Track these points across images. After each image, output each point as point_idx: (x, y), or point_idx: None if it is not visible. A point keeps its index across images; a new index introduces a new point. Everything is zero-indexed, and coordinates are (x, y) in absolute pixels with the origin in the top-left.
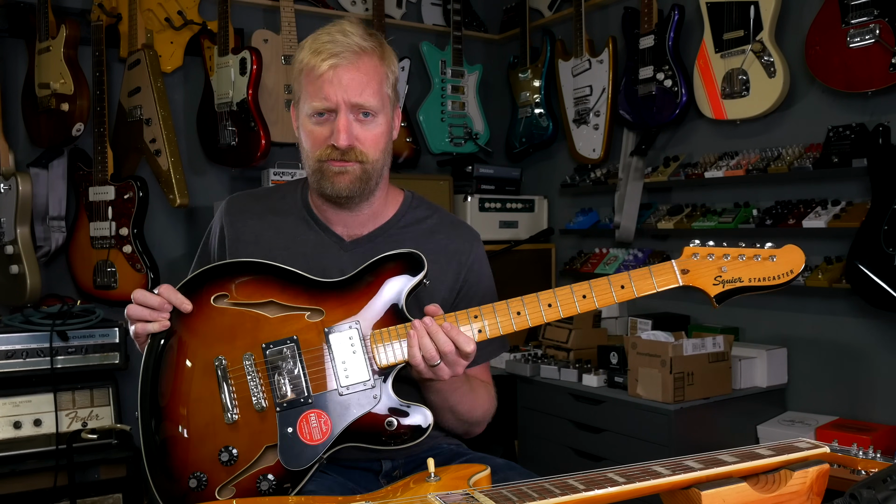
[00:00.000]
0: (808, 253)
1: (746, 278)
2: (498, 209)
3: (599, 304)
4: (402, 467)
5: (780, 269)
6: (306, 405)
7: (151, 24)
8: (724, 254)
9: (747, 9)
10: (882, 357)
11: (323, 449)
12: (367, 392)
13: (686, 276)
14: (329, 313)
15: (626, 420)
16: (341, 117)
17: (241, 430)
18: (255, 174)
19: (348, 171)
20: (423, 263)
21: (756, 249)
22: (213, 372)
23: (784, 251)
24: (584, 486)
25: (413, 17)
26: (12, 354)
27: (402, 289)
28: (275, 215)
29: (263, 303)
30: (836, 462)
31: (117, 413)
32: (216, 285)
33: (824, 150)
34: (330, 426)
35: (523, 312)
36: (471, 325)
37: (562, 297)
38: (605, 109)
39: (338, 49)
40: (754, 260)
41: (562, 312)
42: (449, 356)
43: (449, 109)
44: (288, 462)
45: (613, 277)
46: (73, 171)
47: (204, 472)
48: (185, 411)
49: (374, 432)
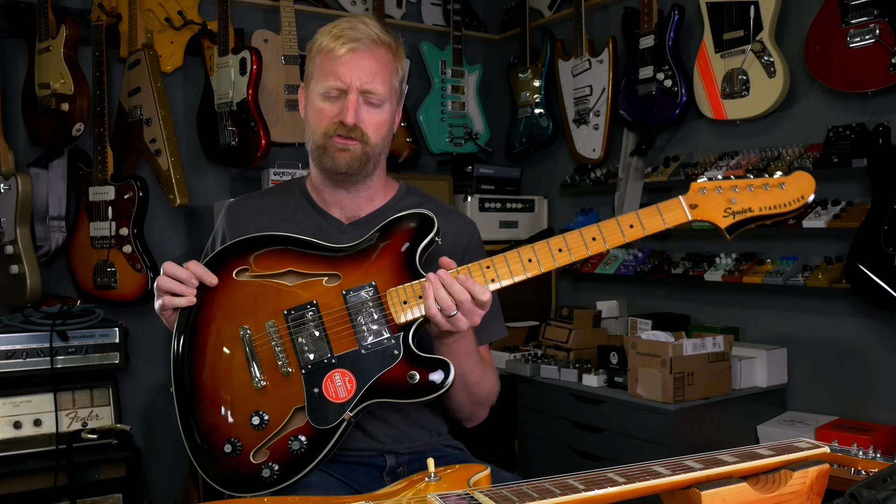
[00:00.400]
0: (808, 253)
1: (757, 207)
2: (498, 209)
3: (610, 244)
4: (406, 464)
5: (790, 196)
6: (330, 366)
7: (151, 24)
8: (733, 185)
9: (747, 9)
10: (882, 357)
11: (349, 406)
12: (388, 349)
13: (695, 210)
14: (346, 277)
15: (626, 420)
16: (351, 97)
17: (269, 395)
18: (255, 174)
19: (350, 149)
20: (433, 222)
21: (765, 178)
22: (240, 342)
23: (793, 178)
24: (584, 486)
25: (413, 17)
26: (12, 354)
27: (415, 247)
28: (274, 207)
29: (283, 272)
30: (836, 462)
31: (117, 413)
32: (237, 260)
33: (824, 150)
34: (354, 383)
35: (534, 259)
36: (483, 274)
37: (572, 241)
38: (605, 109)
39: (358, 35)
40: (763, 189)
41: (573, 256)
42: (465, 305)
43: (449, 109)
44: (317, 421)
45: (622, 218)
46: (73, 171)
47: (238, 438)
48: (215, 381)
49: (398, 386)
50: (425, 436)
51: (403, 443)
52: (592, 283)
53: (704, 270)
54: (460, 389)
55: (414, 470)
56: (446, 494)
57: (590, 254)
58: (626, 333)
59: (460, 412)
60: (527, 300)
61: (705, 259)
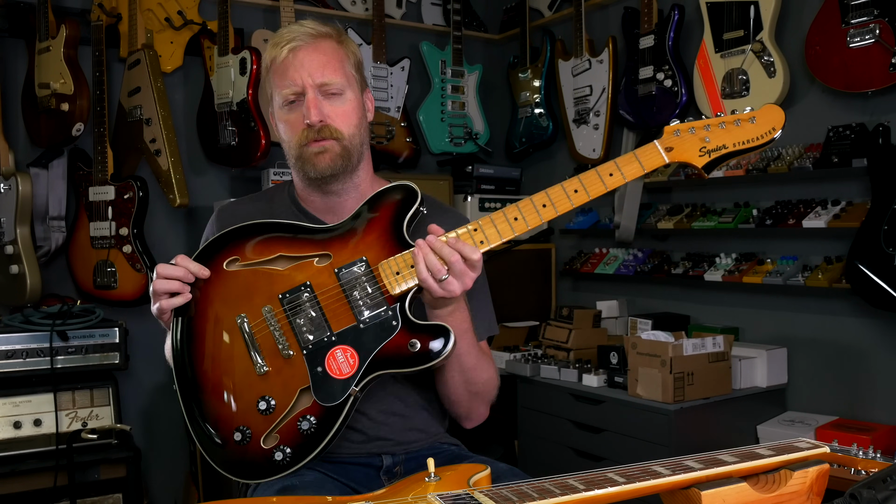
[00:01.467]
0: (808, 253)
1: (731, 143)
2: (498, 209)
3: (591, 194)
4: (402, 464)
5: (761, 129)
6: (330, 344)
7: (151, 24)
8: (705, 125)
9: (747, 9)
10: (882, 357)
11: (354, 381)
12: (386, 321)
13: (671, 153)
14: (336, 255)
15: (626, 420)
16: (309, 95)
17: (273, 380)
18: (255, 174)
19: (327, 149)
20: (416, 192)
21: (735, 115)
22: (238, 330)
23: (763, 111)
24: (584, 486)
25: (413, 17)
26: (12, 354)
27: (401, 218)
28: (264, 214)
29: (273, 258)
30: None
31: (117, 413)
32: (226, 251)
33: (824, 150)
34: (357, 358)
35: (520, 217)
36: (472, 237)
37: (554, 196)
38: (605, 109)
39: (294, 35)
40: (735, 125)
41: (557, 209)
42: (455, 265)
43: (449, 109)
44: (323, 399)
45: (601, 167)
46: (73, 171)
47: (247, 426)
48: (218, 372)
49: (400, 355)
50: (423, 437)
51: (401, 444)
52: (592, 283)
53: (704, 270)
54: (456, 371)
55: (411, 469)
56: (446, 494)
57: (573, 206)
58: (626, 333)
59: (458, 405)
60: (527, 300)
61: (705, 259)
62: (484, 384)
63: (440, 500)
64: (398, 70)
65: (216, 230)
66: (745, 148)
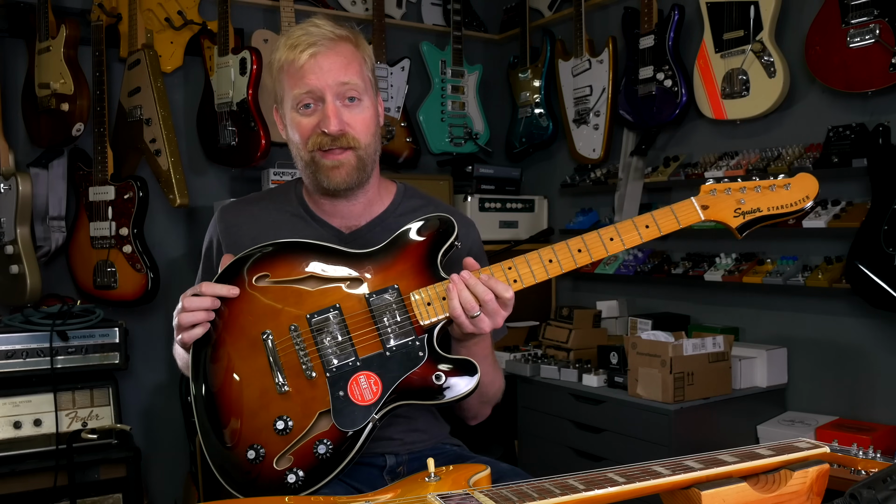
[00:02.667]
0: (808, 253)
1: (765, 207)
2: (498, 209)
3: (627, 244)
4: (405, 464)
5: (795, 196)
6: (355, 369)
7: (151, 24)
8: (741, 187)
9: (747, 9)
10: (882, 357)
11: (375, 408)
12: (412, 350)
13: (707, 211)
14: (368, 281)
15: (626, 420)
16: (329, 103)
17: (293, 400)
18: (255, 174)
19: (343, 163)
20: (453, 225)
21: (770, 180)
22: (262, 347)
23: (798, 179)
24: (584, 486)
25: (413, 17)
26: (12, 354)
27: (436, 250)
28: (270, 215)
29: (304, 278)
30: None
31: (117, 413)
32: (255, 267)
33: (824, 150)
34: (380, 385)
35: (554, 260)
36: (505, 275)
37: (590, 242)
38: (605, 109)
39: (314, 38)
40: (770, 190)
41: (592, 255)
42: (489, 304)
43: (449, 109)
44: (343, 424)
45: (637, 219)
46: (73, 171)
47: (261, 444)
48: (238, 387)
49: (424, 387)
50: (426, 438)
51: (405, 444)
52: (592, 283)
53: (704, 270)
54: None
55: (414, 469)
56: (446, 494)
57: (608, 253)
58: (626, 333)
59: (468, 411)
60: (527, 300)
61: (705, 259)
62: (495, 393)
63: (440, 499)
64: (398, 70)
65: (219, 231)
66: (778, 213)
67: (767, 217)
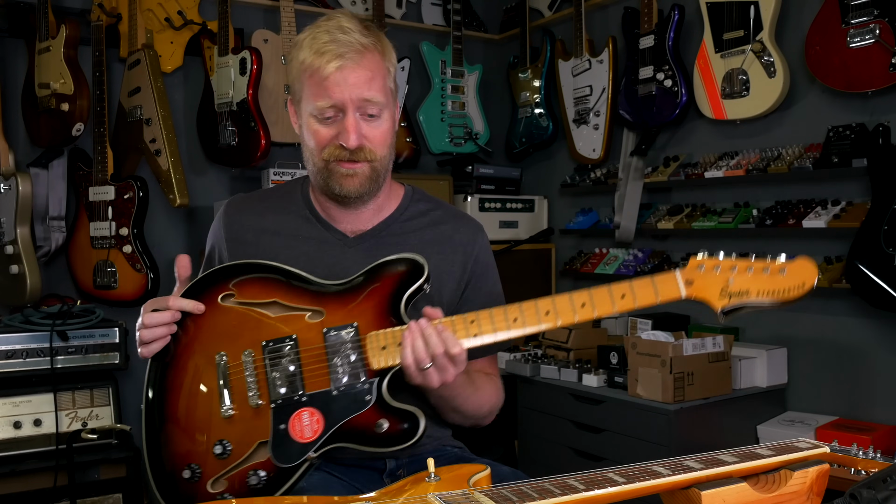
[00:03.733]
0: (808, 253)
1: (755, 291)
2: (498, 209)
3: (598, 313)
4: (406, 467)
5: (790, 282)
6: (300, 403)
7: (151, 24)
8: (732, 265)
9: (747, 9)
10: (882, 357)
11: (312, 447)
12: (360, 393)
13: (691, 287)
14: (329, 314)
15: (626, 420)
16: (349, 117)
17: (236, 425)
18: (255, 174)
19: (357, 172)
20: (423, 269)
21: (765, 262)
22: (215, 368)
23: (796, 264)
24: (584, 486)
25: (413, 17)
26: (12, 354)
27: (401, 293)
28: (275, 214)
29: (267, 302)
30: (836, 462)
31: (117, 413)
32: (224, 285)
33: (824, 150)
34: (322, 425)
35: (520, 318)
36: (466, 328)
37: (560, 305)
38: (605, 109)
39: (342, 49)
40: (763, 272)
41: (560, 321)
42: (438, 359)
43: (449, 109)
44: (278, 458)
45: (615, 286)
46: (73, 171)
47: (198, 464)
48: (185, 404)
49: (365, 433)
50: (427, 441)
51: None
52: (592, 283)
53: None
54: (456, 417)
55: (414, 471)
56: (446, 494)
57: (576, 320)
58: (626, 333)
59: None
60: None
61: None
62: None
63: (440, 500)
64: (398, 70)
65: (223, 225)
66: (768, 299)
67: (756, 302)
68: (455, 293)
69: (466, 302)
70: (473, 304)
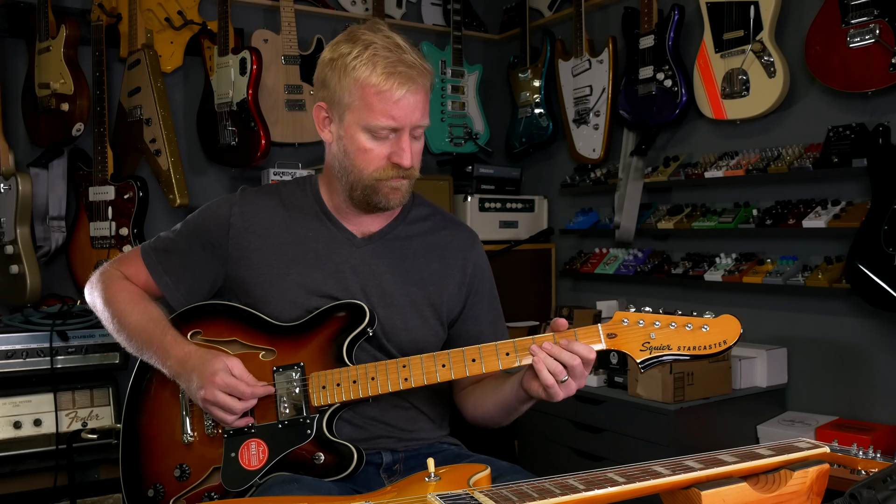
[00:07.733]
0: (808, 253)
1: (676, 346)
2: (498, 209)
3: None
4: (402, 461)
5: (711, 339)
6: (249, 434)
7: (151, 24)
8: (654, 321)
9: (747, 9)
10: (882, 357)
11: (258, 475)
12: (301, 428)
13: (612, 340)
14: (280, 354)
15: (626, 420)
16: (405, 139)
17: (194, 451)
18: (255, 174)
19: (401, 187)
20: (365, 315)
21: (689, 318)
22: (180, 398)
23: (719, 321)
24: (584, 486)
25: (413, 17)
26: (12, 354)
27: (345, 336)
28: (286, 210)
29: (228, 341)
30: (836, 462)
31: (117, 413)
32: (194, 323)
33: (824, 150)
34: (266, 455)
35: (448, 364)
36: (398, 372)
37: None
38: (605, 109)
39: (412, 74)
40: (685, 328)
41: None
42: (576, 369)
43: (449, 109)
44: (227, 483)
45: (538, 337)
46: (73, 171)
47: (162, 484)
48: (154, 428)
49: (304, 463)
50: (424, 437)
51: (402, 441)
52: (592, 282)
53: (704, 270)
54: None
55: (410, 467)
56: (446, 494)
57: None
58: None
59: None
60: (527, 300)
61: (705, 259)
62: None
63: (440, 499)
64: None
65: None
66: (688, 353)
67: (677, 356)
68: (456, 296)
69: (472, 308)
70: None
